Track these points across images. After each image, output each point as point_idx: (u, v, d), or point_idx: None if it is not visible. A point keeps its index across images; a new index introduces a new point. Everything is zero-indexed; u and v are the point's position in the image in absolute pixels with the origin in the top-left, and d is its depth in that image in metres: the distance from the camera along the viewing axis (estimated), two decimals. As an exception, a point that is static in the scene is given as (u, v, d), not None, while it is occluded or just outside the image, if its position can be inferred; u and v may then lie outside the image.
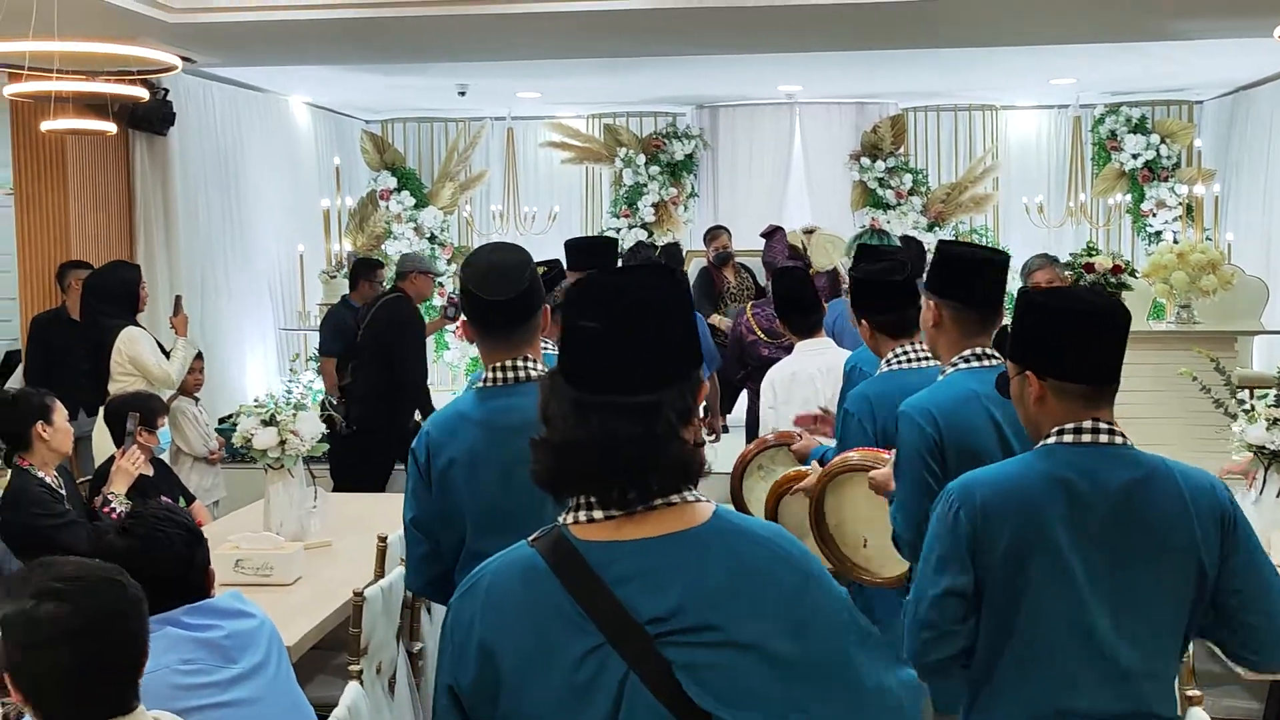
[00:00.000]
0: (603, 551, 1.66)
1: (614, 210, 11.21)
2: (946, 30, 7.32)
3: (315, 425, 4.65)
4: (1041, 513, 2.24)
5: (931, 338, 3.14)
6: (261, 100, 9.79)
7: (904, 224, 10.66)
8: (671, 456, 1.68)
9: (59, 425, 4.63)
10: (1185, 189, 10.40)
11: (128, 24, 6.19)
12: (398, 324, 7.13)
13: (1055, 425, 2.31)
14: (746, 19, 6.77)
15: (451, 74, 9.22)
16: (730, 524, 1.71)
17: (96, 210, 7.89)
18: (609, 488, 1.67)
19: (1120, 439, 2.30)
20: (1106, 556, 2.24)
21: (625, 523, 1.67)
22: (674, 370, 1.70)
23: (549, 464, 1.70)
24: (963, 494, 2.30)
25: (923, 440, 2.91)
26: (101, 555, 2.66)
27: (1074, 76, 9.79)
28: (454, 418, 2.81)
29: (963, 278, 3.04)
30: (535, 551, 1.70)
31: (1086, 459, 2.27)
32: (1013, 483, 2.28)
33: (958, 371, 3.02)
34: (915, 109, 11.28)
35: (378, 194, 11.25)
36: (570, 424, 1.67)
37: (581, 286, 1.75)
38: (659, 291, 1.72)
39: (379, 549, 4.15)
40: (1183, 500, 2.25)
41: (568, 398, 1.68)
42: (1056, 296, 2.37)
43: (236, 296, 9.24)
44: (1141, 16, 6.83)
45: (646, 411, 1.66)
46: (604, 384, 1.67)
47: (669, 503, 1.68)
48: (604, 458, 1.66)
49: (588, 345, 1.69)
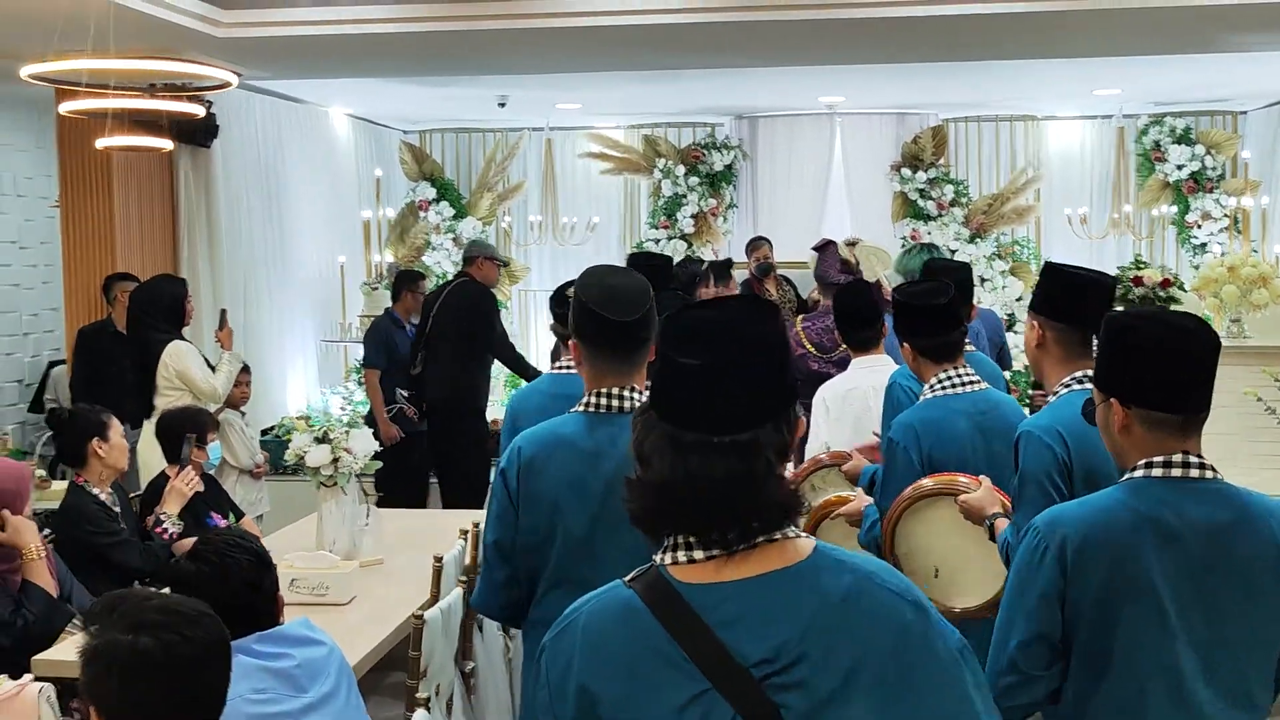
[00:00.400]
0: (704, 594, 1.62)
1: (652, 221, 11.19)
2: (991, 45, 7.26)
3: (368, 442, 4.64)
4: (1133, 553, 2.17)
5: (1035, 358, 3.10)
6: (302, 111, 9.82)
7: (945, 235, 10.59)
8: (770, 495, 1.64)
9: (115, 442, 4.64)
10: (1231, 200, 10.29)
11: (177, 38, 6.21)
12: (472, 306, 7.22)
13: (1142, 456, 2.26)
14: (789, 32, 6.73)
15: (492, 85, 9.21)
16: (833, 559, 1.66)
17: (141, 222, 7.92)
18: (709, 527, 1.63)
19: (1211, 473, 2.24)
20: (1198, 599, 2.17)
21: (726, 563, 1.63)
22: (772, 407, 1.66)
23: (647, 504, 1.67)
24: (1049, 531, 2.24)
25: (1052, 460, 2.83)
26: (173, 581, 2.66)
27: (1118, 87, 9.70)
28: (551, 440, 2.72)
29: (1067, 299, 3.00)
30: (633, 592, 1.66)
31: (1177, 495, 2.20)
32: (1102, 520, 2.22)
33: (1071, 393, 2.96)
34: (956, 119, 11.21)
35: (416, 204, 11.27)
36: (668, 463, 1.64)
37: (678, 321, 1.72)
38: (758, 326, 1.68)
39: (435, 569, 4.13)
40: (1276, 540, 2.19)
41: (664, 435, 1.65)
42: (1145, 319, 2.30)
43: (277, 308, 9.26)
44: (1192, 30, 6.75)
45: (745, 449, 1.62)
46: (702, 421, 1.63)
47: (770, 539, 1.64)
48: (703, 497, 1.62)
49: (686, 382, 1.65)
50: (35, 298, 9.90)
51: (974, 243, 10.74)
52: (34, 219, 9.88)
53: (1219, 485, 2.24)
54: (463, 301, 7.31)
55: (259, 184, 9.03)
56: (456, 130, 11.76)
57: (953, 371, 3.54)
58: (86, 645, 2.00)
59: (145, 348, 6.33)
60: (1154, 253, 10.92)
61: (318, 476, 4.60)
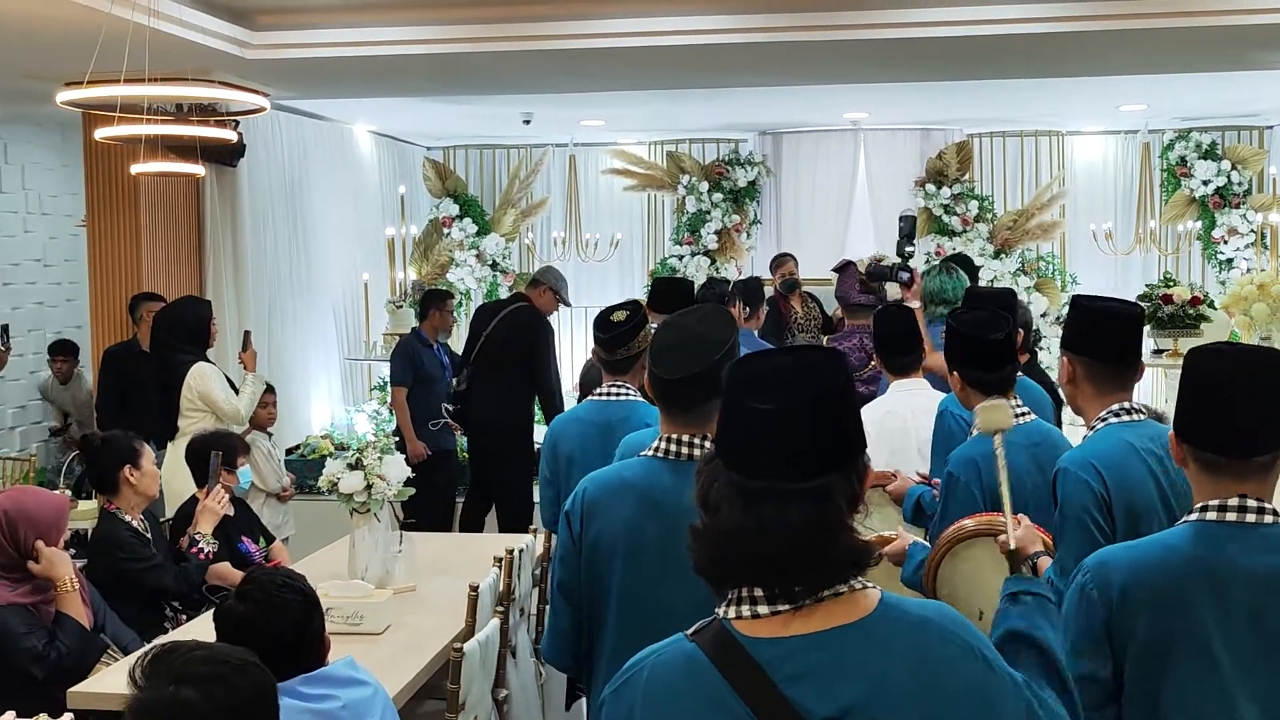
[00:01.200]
0: (769, 648, 1.59)
1: (676, 238, 11.17)
2: (1015, 65, 7.22)
3: (402, 469, 4.62)
4: (1184, 600, 2.12)
5: (1070, 395, 3.08)
6: (326, 129, 9.84)
7: (970, 251, 10.53)
8: (841, 546, 1.62)
9: (146, 469, 4.64)
10: (1258, 216, 10.23)
11: (207, 60, 6.22)
12: (531, 330, 7.23)
13: (1200, 497, 2.22)
14: (813, 53, 6.71)
15: (516, 103, 9.22)
16: (900, 611, 1.64)
17: (167, 242, 7.93)
18: (777, 579, 1.60)
19: (1270, 517, 2.19)
20: (1255, 647, 2.13)
21: (792, 617, 1.60)
22: (842, 455, 1.64)
23: (714, 553, 1.64)
24: (1097, 574, 2.20)
25: (1090, 496, 2.80)
26: (219, 621, 2.64)
27: (1144, 103, 9.65)
28: (615, 483, 2.66)
29: (1093, 332, 2.97)
30: (696, 646, 1.64)
31: (1233, 539, 2.16)
32: (1152, 565, 2.17)
33: (1108, 426, 2.93)
34: (980, 135, 11.17)
35: (440, 221, 11.28)
36: (737, 511, 1.61)
37: (746, 367, 1.70)
38: (827, 372, 1.66)
39: (470, 599, 4.10)
40: None
41: (732, 483, 1.62)
42: (1205, 355, 2.23)
43: (302, 327, 9.27)
44: (1219, 49, 6.70)
45: (817, 498, 1.60)
46: (772, 468, 1.60)
47: (836, 593, 1.61)
48: (774, 547, 1.59)
49: (755, 427, 1.62)
50: (60, 316, 9.95)
51: (999, 258, 10.70)
52: (58, 237, 9.93)
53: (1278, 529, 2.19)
54: (520, 324, 7.29)
55: (284, 202, 9.05)
56: (480, 147, 11.77)
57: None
58: (132, 699, 1.98)
59: (169, 369, 6.32)
60: (1180, 268, 10.86)
61: (351, 503, 4.58)
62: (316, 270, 9.53)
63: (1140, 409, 2.99)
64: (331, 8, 6.29)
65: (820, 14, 6.24)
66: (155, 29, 4.87)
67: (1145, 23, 6.11)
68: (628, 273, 11.59)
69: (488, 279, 11.27)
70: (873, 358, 5.94)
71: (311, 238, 9.46)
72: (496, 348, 7.27)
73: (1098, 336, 2.98)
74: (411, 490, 4.71)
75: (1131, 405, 2.98)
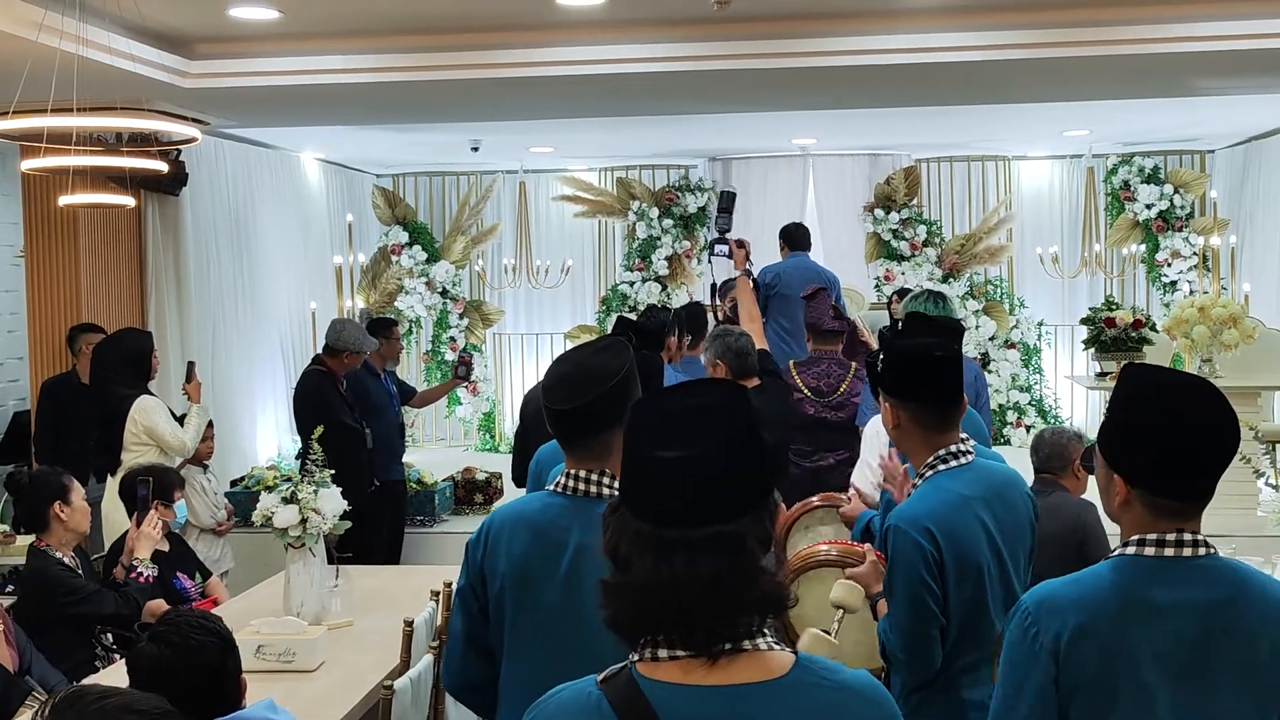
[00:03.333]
0: (672, 695, 1.55)
1: (627, 264, 11.17)
2: (961, 91, 7.30)
3: (337, 502, 4.55)
4: (1124, 638, 2.09)
5: (896, 439, 2.99)
6: (273, 157, 9.76)
7: (919, 276, 10.62)
8: (758, 591, 1.57)
9: (76, 505, 4.56)
10: (1200, 239, 10.35)
11: (143, 89, 6.15)
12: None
13: (1136, 531, 2.18)
14: (760, 81, 6.74)
15: (465, 130, 9.19)
16: (815, 675, 1.59)
17: (108, 272, 7.83)
18: (692, 628, 1.56)
19: (1205, 550, 2.16)
20: (1192, 680, 2.10)
21: (700, 666, 1.56)
22: (753, 496, 1.60)
23: (627, 609, 1.58)
24: (1039, 613, 2.15)
25: (921, 558, 2.75)
26: (133, 664, 2.57)
27: (1087, 128, 9.77)
28: (514, 517, 2.61)
29: (913, 377, 2.87)
30: (602, 694, 1.60)
31: (1169, 574, 2.12)
32: (1092, 601, 2.13)
33: (937, 474, 2.87)
34: (928, 160, 11.26)
35: (389, 249, 11.21)
36: (648, 564, 1.55)
37: (645, 412, 1.65)
38: (733, 412, 1.60)
39: (405, 634, 4.04)
40: (1268, 618, 2.13)
41: (641, 534, 1.57)
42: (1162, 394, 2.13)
43: (248, 356, 9.17)
44: (1160, 76, 6.79)
45: (731, 543, 1.55)
46: (681, 518, 1.55)
47: (747, 648, 1.57)
48: (690, 597, 1.54)
49: (662, 476, 1.57)
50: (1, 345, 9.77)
51: (947, 282, 10.77)
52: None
53: (1214, 562, 2.15)
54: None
55: (228, 231, 8.96)
56: (430, 174, 11.73)
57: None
58: None
59: (109, 402, 6.20)
60: (1125, 291, 10.97)
61: (285, 537, 4.51)
62: (262, 299, 9.43)
63: (966, 449, 2.91)
64: (272, 36, 6.24)
65: (767, 42, 6.27)
66: (85, 57, 4.80)
67: (1085, 50, 6.18)
68: (579, 299, 11.58)
69: (438, 306, 11.22)
70: (841, 384, 5.93)
71: (257, 266, 9.36)
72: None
73: (919, 381, 2.86)
74: (348, 524, 4.64)
75: (958, 448, 2.90)
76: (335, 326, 6.99)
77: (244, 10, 5.73)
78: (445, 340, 11.30)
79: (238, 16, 5.81)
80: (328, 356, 6.93)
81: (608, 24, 6.11)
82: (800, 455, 5.97)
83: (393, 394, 7.71)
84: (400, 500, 7.70)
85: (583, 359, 2.62)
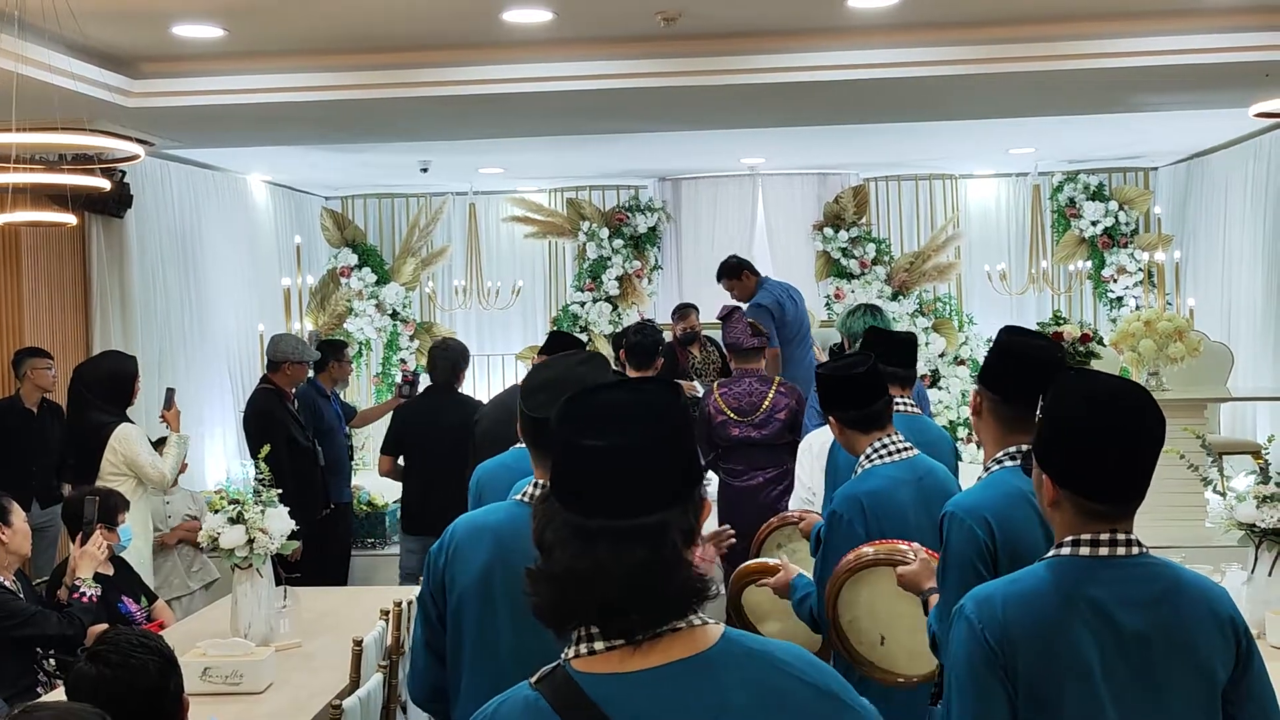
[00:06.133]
0: (608, 685, 1.55)
1: (578, 284, 11.16)
2: (905, 108, 7.36)
3: (284, 522, 4.50)
4: (1067, 634, 2.11)
5: (975, 426, 3.03)
6: (220, 179, 9.68)
7: (868, 294, 10.67)
8: (678, 583, 1.58)
9: (18, 527, 4.47)
10: (1145, 255, 10.49)
11: (85, 109, 6.07)
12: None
13: (1069, 532, 2.20)
14: (708, 98, 6.78)
15: (414, 150, 9.16)
16: (742, 646, 1.61)
17: (51, 294, 7.72)
18: (615, 618, 1.56)
19: (1137, 549, 2.19)
20: (1134, 676, 2.12)
21: (631, 653, 1.57)
22: (679, 489, 1.61)
23: (551, 596, 1.59)
24: (981, 612, 2.16)
25: (976, 547, 2.76)
26: (72, 685, 2.52)
27: (1032, 146, 9.89)
28: (477, 527, 2.61)
29: (1004, 371, 2.91)
30: (539, 694, 1.59)
31: (1105, 573, 2.15)
32: (1032, 599, 2.15)
33: (1002, 469, 2.90)
34: (877, 179, 11.35)
35: (338, 271, 11.14)
36: (571, 552, 1.57)
37: (578, 403, 1.65)
38: (662, 406, 1.62)
39: (354, 653, 3.99)
40: (1203, 613, 2.15)
41: (567, 523, 1.58)
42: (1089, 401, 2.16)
43: (195, 379, 9.07)
44: (1097, 92, 6.89)
45: (654, 535, 1.56)
46: (606, 507, 1.57)
47: (674, 629, 1.58)
48: (610, 586, 1.55)
49: (590, 465, 1.59)
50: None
51: (896, 300, 10.84)
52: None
53: (1148, 561, 2.18)
54: None
55: (175, 254, 8.87)
56: (379, 195, 11.68)
57: (886, 440, 3.50)
58: None
59: (85, 427, 5.92)
60: (1072, 307, 11.09)
61: (232, 559, 4.44)
62: (210, 321, 9.33)
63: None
64: (217, 55, 6.18)
65: (714, 59, 6.31)
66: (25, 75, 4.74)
67: (1026, 66, 6.26)
68: (530, 320, 11.56)
69: (388, 328, 11.15)
70: (763, 401, 5.98)
71: (204, 288, 9.27)
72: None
73: (1008, 376, 2.90)
74: (296, 544, 4.58)
75: (1026, 448, 2.94)
76: (273, 340, 6.92)
77: (188, 28, 5.68)
78: (395, 362, 11.23)
79: (182, 35, 5.76)
80: (272, 373, 6.84)
81: (556, 41, 6.11)
82: (731, 475, 6.05)
83: (340, 415, 7.66)
84: (348, 522, 7.63)
85: (566, 369, 2.63)
